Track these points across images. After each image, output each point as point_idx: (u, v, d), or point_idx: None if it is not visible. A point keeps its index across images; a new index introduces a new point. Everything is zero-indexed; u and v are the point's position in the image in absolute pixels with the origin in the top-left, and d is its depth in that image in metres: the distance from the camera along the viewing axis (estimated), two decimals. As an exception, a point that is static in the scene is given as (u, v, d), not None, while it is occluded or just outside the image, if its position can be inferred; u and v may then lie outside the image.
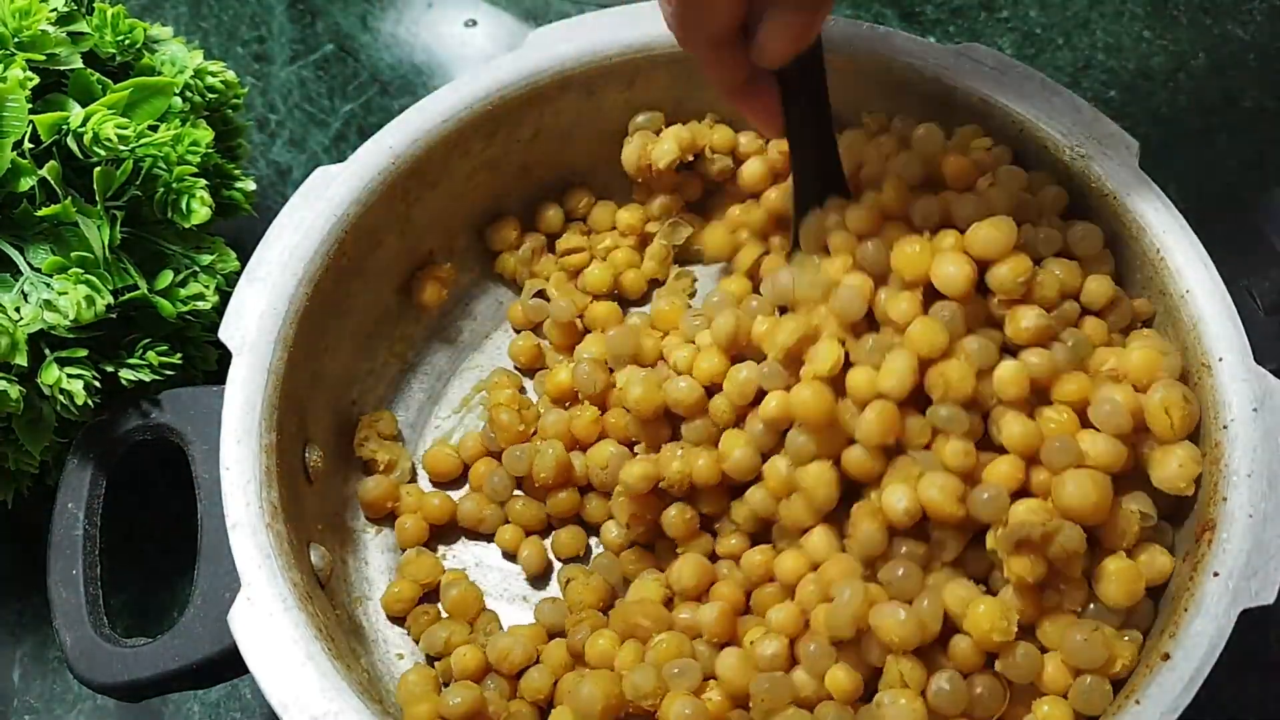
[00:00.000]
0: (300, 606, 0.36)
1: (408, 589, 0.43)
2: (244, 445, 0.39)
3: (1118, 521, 0.36)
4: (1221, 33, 0.57)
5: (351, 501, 0.45)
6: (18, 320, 0.39)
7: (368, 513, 0.45)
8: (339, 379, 0.45)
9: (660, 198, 0.49)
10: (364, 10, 0.60)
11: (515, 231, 0.49)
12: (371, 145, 0.44)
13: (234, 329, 0.40)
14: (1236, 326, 0.39)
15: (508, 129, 0.46)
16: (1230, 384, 0.38)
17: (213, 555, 0.38)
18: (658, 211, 0.49)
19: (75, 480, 0.40)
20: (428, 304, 0.48)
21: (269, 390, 0.40)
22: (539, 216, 0.50)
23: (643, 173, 0.48)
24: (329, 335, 0.44)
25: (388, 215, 0.45)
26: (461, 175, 0.47)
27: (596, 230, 0.50)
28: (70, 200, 0.39)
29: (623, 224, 0.49)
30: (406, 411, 0.48)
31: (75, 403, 0.39)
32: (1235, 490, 0.36)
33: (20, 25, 0.40)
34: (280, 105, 0.57)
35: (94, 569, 0.39)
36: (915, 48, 0.44)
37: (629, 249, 0.49)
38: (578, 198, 0.50)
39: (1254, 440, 0.37)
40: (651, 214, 0.49)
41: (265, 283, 0.41)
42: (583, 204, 0.50)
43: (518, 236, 0.49)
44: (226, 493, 0.38)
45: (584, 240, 0.49)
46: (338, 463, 0.45)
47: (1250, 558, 0.35)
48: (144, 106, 0.42)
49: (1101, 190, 0.42)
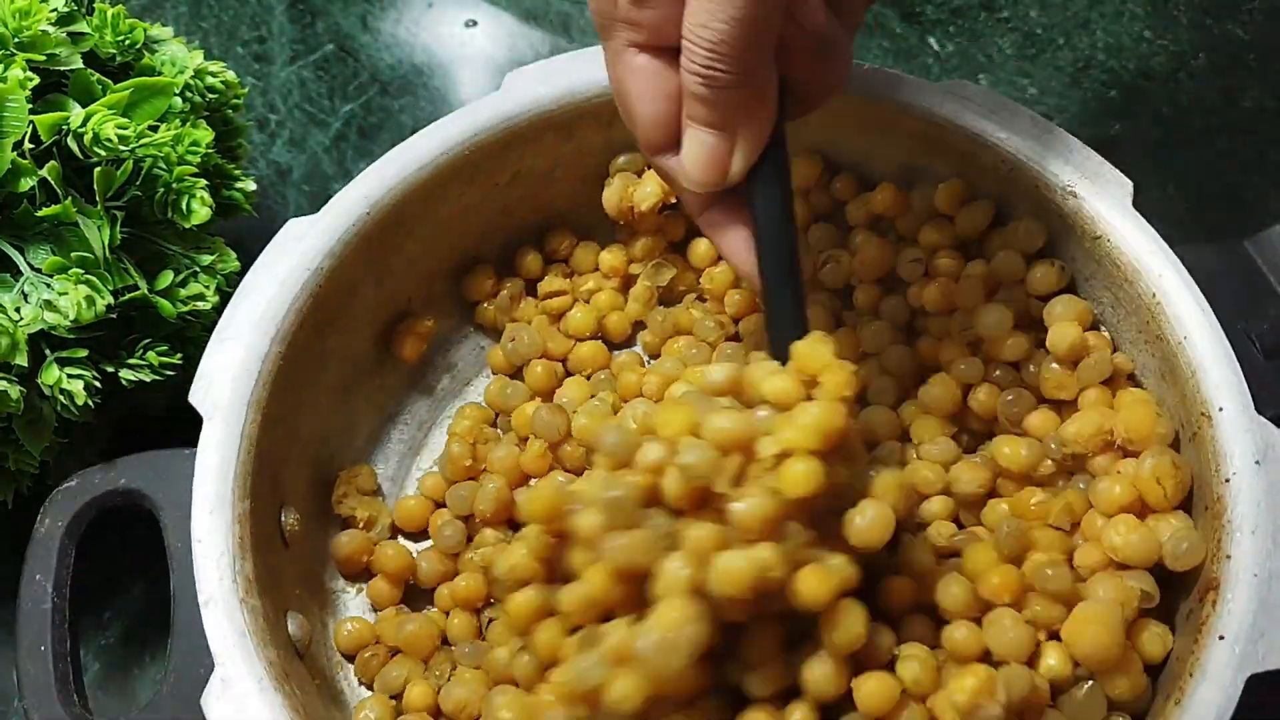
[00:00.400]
0: (276, 687, 0.35)
1: (363, 629, 0.42)
2: (216, 515, 0.37)
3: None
4: (1222, 33, 0.57)
5: (330, 561, 0.44)
6: (18, 320, 0.39)
7: (342, 570, 0.44)
8: (315, 435, 0.44)
9: (643, 239, 0.48)
10: (364, 10, 0.60)
11: (490, 280, 0.48)
12: (345, 195, 0.43)
13: (205, 392, 0.39)
14: (1236, 373, 0.38)
15: (486, 173, 0.45)
16: (1231, 435, 0.37)
17: (186, 630, 0.37)
18: (640, 253, 0.48)
19: (43, 550, 0.39)
20: (407, 358, 0.46)
21: (242, 456, 0.38)
22: (518, 261, 0.48)
23: (624, 215, 0.47)
24: (304, 391, 0.42)
25: (363, 265, 0.43)
26: (439, 221, 0.45)
27: (579, 272, 0.49)
28: (70, 200, 0.39)
29: (605, 266, 0.48)
30: (386, 464, 0.47)
31: (75, 403, 0.39)
32: (1239, 547, 0.35)
33: (20, 25, 0.40)
34: (280, 105, 0.57)
35: (63, 643, 0.38)
36: (902, 85, 0.43)
37: (612, 290, 0.48)
38: (559, 239, 0.49)
39: (1257, 494, 0.36)
40: (634, 255, 0.48)
41: (237, 342, 0.40)
42: (564, 246, 0.49)
43: (494, 284, 0.48)
44: (199, 566, 0.36)
45: (566, 283, 0.48)
46: (316, 522, 0.43)
47: (1256, 619, 0.34)
48: (144, 107, 0.42)
49: (1094, 232, 0.41)
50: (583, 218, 0.48)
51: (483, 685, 0.39)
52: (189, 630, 0.37)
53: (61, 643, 0.38)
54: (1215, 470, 0.37)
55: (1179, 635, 0.36)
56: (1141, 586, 0.36)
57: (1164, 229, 0.40)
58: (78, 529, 0.40)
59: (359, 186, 0.43)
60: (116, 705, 0.44)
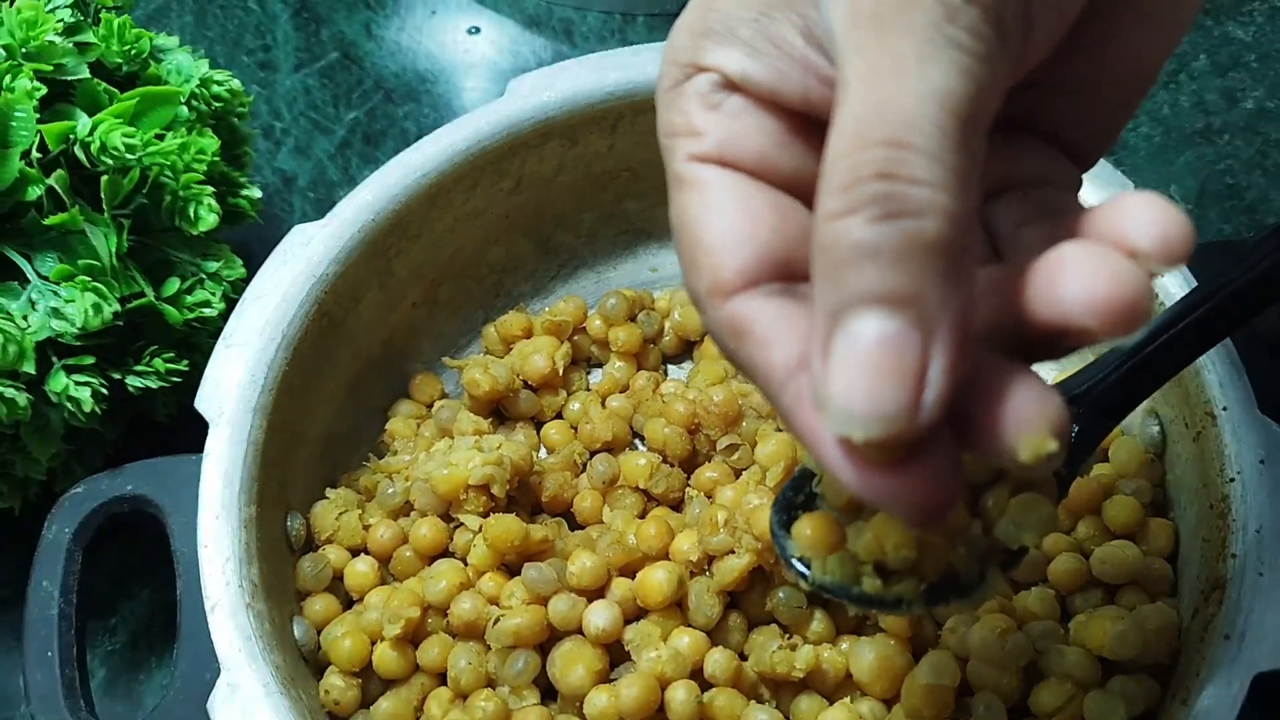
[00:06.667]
0: (283, 691, 0.35)
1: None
2: (222, 521, 0.37)
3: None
4: (1222, 34, 0.57)
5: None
6: (26, 328, 0.39)
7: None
8: (320, 440, 0.44)
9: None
10: (368, 18, 0.60)
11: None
12: (350, 201, 0.43)
13: (210, 399, 0.39)
14: (1240, 372, 0.38)
15: (490, 179, 0.45)
16: (1235, 434, 0.37)
17: (193, 635, 0.37)
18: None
19: (50, 556, 0.39)
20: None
21: (248, 461, 0.38)
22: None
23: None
24: (310, 396, 0.42)
25: (368, 271, 0.44)
26: (443, 227, 0.45)
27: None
28: (78, 209, 0.39)
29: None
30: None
31: (83, 410, 0.39)
32: (1244, 546, 0.35)
33: (27, 36, 0.40)
34: (285, 113, 0.57)
35: (70, 649, 0.38)
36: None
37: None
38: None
39: (1261, 494, 0.36)
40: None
41: (243, 349, 0.40)
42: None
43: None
44: (205, 572, 0.36)
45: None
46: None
47: (1262, 618, 0.34)
48: (150, 115, 0.42)
49: (1098, 233, 0.41)
50: (585, 224, 0.49)
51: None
52: (195, 636, 0.37)
53: (68, 649, 0.38)
54: (1220, 470, 0.37)
55: (1186, 634, 0.36)
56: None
57: (1166, 230, 0.40)
58: (85, 535, 0.40)
59: (364, 193, 0.43)
60: (123, 711, 0.44)
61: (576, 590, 0.38)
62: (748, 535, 0.37)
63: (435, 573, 0.39)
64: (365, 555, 0.41)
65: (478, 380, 0.44)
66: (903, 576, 0.26)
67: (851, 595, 0.27)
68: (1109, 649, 0.35)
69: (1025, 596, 0.37)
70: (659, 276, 0.49)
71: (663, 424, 0.42)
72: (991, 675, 0.35)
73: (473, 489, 0.39)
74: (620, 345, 0.46)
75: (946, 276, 0.19)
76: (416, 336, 0.47)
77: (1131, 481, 0.39)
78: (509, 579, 0.39)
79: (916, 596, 0.26)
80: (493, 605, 0.38)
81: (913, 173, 0.19)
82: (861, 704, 0.36)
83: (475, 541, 0.39)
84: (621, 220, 0.49)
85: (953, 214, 0.19)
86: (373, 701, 0.38)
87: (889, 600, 0.26)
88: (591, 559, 0.38)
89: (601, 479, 0.42)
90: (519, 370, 0.45)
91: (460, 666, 0.37)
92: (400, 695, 0.38)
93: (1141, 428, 0.41)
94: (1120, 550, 0.37)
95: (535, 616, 0.37)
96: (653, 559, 0.38)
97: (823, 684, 0.37)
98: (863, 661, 0.36)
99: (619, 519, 0.40)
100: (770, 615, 0.38)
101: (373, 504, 0.41)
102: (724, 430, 0.42)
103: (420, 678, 0.39)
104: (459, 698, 0.38)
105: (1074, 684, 0.35)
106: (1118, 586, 0.38)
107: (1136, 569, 0.37)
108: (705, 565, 0.38)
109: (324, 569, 0.40)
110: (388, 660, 0.38)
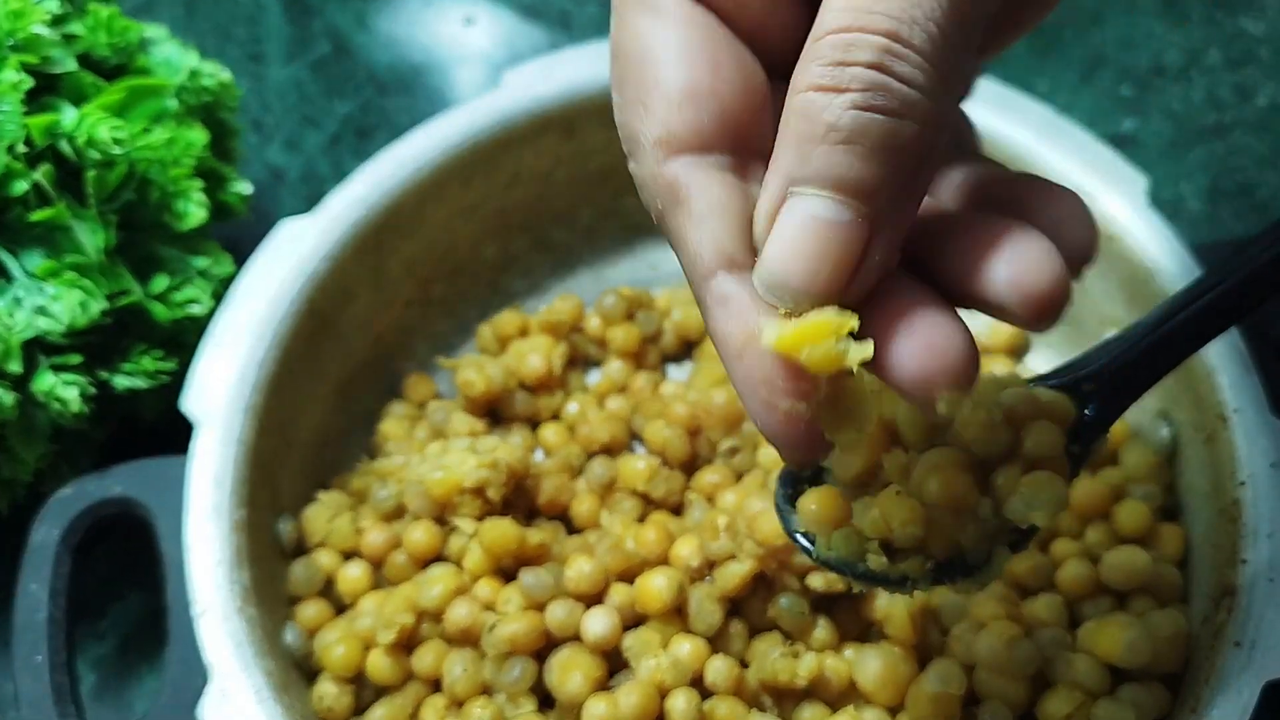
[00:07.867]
0: (275, 698, 0.34)
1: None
2: (212, 524, 0.37)
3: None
4: (1234, 28, 0.56)
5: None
6: (11, 326, 0.38)
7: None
8: (312, 440, 0.43)
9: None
10: (360, 9, 0.59)
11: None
12: (340, 195, 0.42)
13: (198, 399, 0.38)
14: (1253, 375, 0.37)
15: (484, 173, 0.44)
16: (1248, 437, 0.36)
17: (182, 640, 0.36)
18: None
19: (38, 559, 0.38)
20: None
21: (238, 463, 0.38)
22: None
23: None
24: (300, 396, 0.42)
25: (360, 268, 0.43)
26: (437, 222, 0.45)
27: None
28: (64, 204, 0.39)
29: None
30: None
31: (70, 410, 0.39)
32: (1255, 552, 0.35)
33: (14, 27, 0.40)
34: (276, 106, 0.56)
35: (60, 655, 0.37)
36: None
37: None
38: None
39: (1273, 498, 0.35)
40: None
41: (232, 348, 0.39)
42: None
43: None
44: (193, 576, 0.36)
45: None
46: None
47: (1273, 625, 0.33)
48: (138, 108, 0.41)
49: (1108, 231, 0.40)
50: (583, 218, 0.48)
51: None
52: (186, 640, 0.36)
53: (58, 653, 0.37)
54: (1231, 473, 0.36)
55: (1196, 641, 0.36)
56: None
57: (1177, 227, 0.40)
58: (73, 538, 0.39)
59: (355, 186, 0.42)
60: (113, 716, 0.43)
61: (574, 596, 0.37)
62: (749, 540, 0.36)
63: (429, 578, 0.38)
64: (358, 559, 0.40)
65: (472, 380, 0.43)
66: (909, 554, 0.26)
67: (856, 572, 0.26)
68: (1119, 657, 0.34)
69: (1033, 603, 0.36)
70: (658, 274, 0.48)
71: (662, 426, 0.41)
72: (999, 683, 0.35)
73: (467, 492, 0.39)
74: (619, 345, 0.45)
75: (908, 180, 0.19)
76: (409, 335, 0.46)
77: (1142, 485, 0.39)
78: (505, 584, 0.38)
79: (923, 575, 0.26)
80: (488, 611, 0.37)
81: (905, 71, 0.19)
82: (866, 713, 0.35)
83: (470, 546, 0.38)
84: (620, 216, 0.48)
85: (933, 120, 0.19)
86: (366, 709, 0.38)
87: (894, 578, 0.26)
88: (590, 564, 0.37)
89: (600, 482, 0.41)
90: (515, 370, 0.44)
91: (455, 674, 0.37)
92: (394, 703, 0.37)
93: (1152, 430, 0.40)
94: (1130, 556, 0.37)
95: (532, 623, 0.36)
96: (652, 564, 0.37)
97: (826, 692, 0.36)
98: (867, 669, 0.35)
99: (618, 523, 0.39)
100: (772, 622, 0.37)
101: (365, 507, 0.41)
102: (725, 432, 0.41)
103: (415, 685, 0.38)
104: (454, 705, 0.37)
105: (1083, 692, 0.34)
106: (1127, 593, 0.37)
107: (1146, 575, 0.36)
108: (706, 571, 0.37)
109: (316, 573, 0.39)
110: (381, 667, 0.37)
